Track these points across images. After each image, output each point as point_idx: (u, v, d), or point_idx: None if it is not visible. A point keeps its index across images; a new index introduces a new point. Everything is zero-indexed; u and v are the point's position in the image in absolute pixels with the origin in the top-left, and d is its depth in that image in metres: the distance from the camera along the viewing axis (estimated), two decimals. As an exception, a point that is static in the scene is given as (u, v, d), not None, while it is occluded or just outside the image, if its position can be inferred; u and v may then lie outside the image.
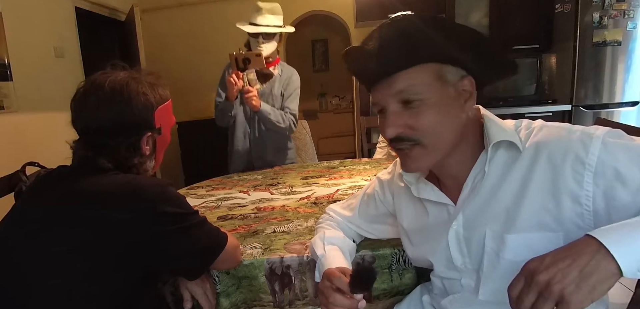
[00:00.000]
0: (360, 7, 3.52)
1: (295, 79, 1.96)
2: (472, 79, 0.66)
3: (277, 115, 1.86)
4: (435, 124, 0.64)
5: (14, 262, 0.71)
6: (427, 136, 0.64)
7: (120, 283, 0.72)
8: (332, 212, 0.99)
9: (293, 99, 1.94)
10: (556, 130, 0.63)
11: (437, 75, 0.64)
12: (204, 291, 0.87)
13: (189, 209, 0.79)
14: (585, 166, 0.57)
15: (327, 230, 0.91)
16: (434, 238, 0.75)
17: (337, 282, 0.69)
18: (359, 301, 0.68)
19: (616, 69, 2.87)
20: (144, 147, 0.85)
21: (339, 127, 5.56)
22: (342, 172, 1.82)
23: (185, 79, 4.11)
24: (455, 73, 0.65)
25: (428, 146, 0.65)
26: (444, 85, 0.64)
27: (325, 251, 0.82)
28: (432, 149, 0.65)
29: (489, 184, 0.66)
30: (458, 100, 0.65)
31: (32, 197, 0.80)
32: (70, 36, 3.00)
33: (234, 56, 1.69)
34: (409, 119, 0.64)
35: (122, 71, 0.84)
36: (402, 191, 0.83)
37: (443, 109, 0.64)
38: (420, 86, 0.63)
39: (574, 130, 0.61)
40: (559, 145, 0.60)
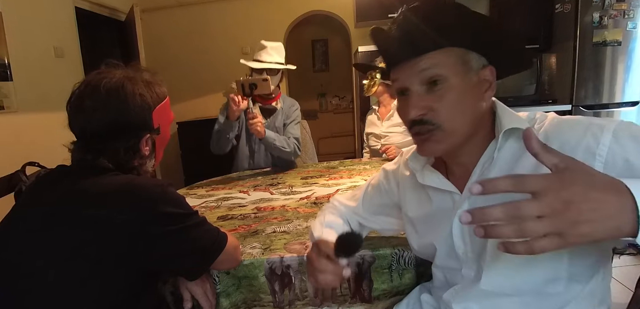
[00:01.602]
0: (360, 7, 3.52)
1: (295, 108, 2.08)
2: (493, 69, 0.67)
3: (282, 140, 1.91)
4: (457, 108, 0.64)
5: (14, 262, 0.71)
6: (447, 120, 0.64)
7: (120, 283, 0.72)
8: (337, 202, 0.99)
9: (294, 126, 2.03)
10: (568, 122, 0.62)
11: (462, 60, 0.64)
12: (204, 291, 0.87)
13: (189, 209, 0.79)
14: (595, 157, 0.56)
15: (328, 215, 0.91)
16: (437, 225, 0.74)
17: (324, 247, 0.70)
18: (343, 267, 0.67)
19: (616, 69, 2.86)
20: (143, 148, 0.85)
21: (339, 127, 5.56)
22: (342, 172, 1.82)
23: (185, 79, 4.11)
24: (478, 61, 0.65)
25: (447, 130, 0.65)
26: (467, 71, 0.64)
27: (322, 233, 0.83)
28: (450, 134, 0.65)
29: (497, 171, 0.66)
30: (479, 88, 0.65)
31: (32, 198, 0.80)
32: (70, 36, 3.00)
33: (241, 82, 1.73)
34: (432, 102, 0.64)
35: (117, 70, 0.83)
36: (407, 180, 0.83)
37: (465, 94, 0.64)
38: (446, 68, 0.63)
39: (585, 122, 0.60)
40: (569, 136, 0.60)
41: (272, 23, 4.05)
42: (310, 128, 2.65)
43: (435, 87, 0.64)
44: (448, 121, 0.64)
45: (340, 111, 5.61)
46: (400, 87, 0.68)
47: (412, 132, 0.69)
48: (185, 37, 4.12)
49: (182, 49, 4.14)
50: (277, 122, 2.03)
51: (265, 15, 4.03)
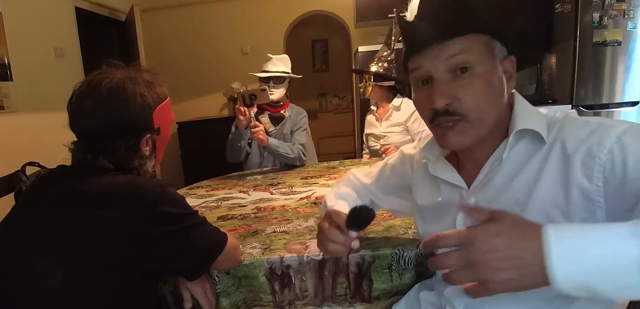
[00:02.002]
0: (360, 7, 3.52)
1: (302, 116, 2.17)
2: (513, 59, 0.64)
3: (286, 147, 1.96)
4: (484, 97, 0.61)
5: (13, 262, 0.71)
6: (474, 110, 0.61)
7: (120, 283, 0.72)
8: (352, 176, 1.00)
9: (301, 132, 2.11)
10: (578, 122, 0.60)
11: (488, 47, 0.62)
12: (204, 291, 0.87)
13: (189, 209, 0.79)
14: (595, 160, 0.54)
15: (343, 188, 0.92)
16: (443, 217, 0.74)
17: (335, 218, 0.70)
18: (353, 239, 0.69)
19: (616, 69, 2.87)
20: (144, 148, 0.85)
21: (339, 127, 5.56)
22: (342, 172, 1.82)
23: (185, 79, 4.11)
24: (501, 50, 0.63)
25: (474, 121, 0.62)
26: (493, 59, 0.62)
27: (335, 204, 0.85)
28: (476, 125, 0.62)
29: (504, 172, 0.63)
30: (502, 78, 0.63)
31: (32, 198, 0.80)
32: (70, 36, 3.00)
33: (241, 93, 1.82)
34: (458, 90, 0.61)
35: (118, 70, 0.83)
36: (422, 167, 0.82)
37: (491, 83, 0.61)
38: (473, 55, 0.61)
39: (595, 123, 0.57)
40: (574, 137, 0.58)
41: (272, 23, 4.05)
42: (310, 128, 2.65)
43: (463, 75, 0.61)
44: (475, 112, 0.61)
45: (340, 111, 5.61)
46: (424, 76, 0.65)
47: (434, 123, 0.65)
48: (185, 37, 4.12)
49: (182, 49, 4.14)
50: (285, 129, 2.10)
51: (265, 15, 4.03)
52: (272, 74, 2.05)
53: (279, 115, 2.12)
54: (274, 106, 2.10)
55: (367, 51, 3.26)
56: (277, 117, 2.13)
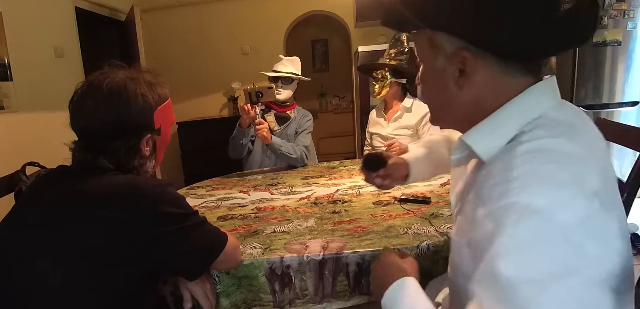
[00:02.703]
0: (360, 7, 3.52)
1: (308, 118, 2.19)
2: (471, 52, 0.53)
3: (289, 147, 1.97)
4: (427, 92, 0.63)
5: (13, 262, 0.71)
6: (426, 102, 0.65)
7: (120, 283, 0.72)
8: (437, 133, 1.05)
9: (305, 135, 2.13)
10: (514, 179, 0.46)
11: (430, 42, 0.57)
12: (204, 291, 0.87)
13: (189, 209, 0.79)
14: (486, 208, 0.48)
15: (435, 136, 1.03)
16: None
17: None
18: (374, 177, 0.92)
19: (616, 69, 2.87)
20: (144, 148, 0.85)
21: (339, 127, 5.56)
22: (342, 172, 1.82)
23: (185, 79, 4.11)
24: (452, 42, 0.54)
25: (431, 111, 0.65)
26: (436, 53, 0.57)
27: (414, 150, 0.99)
28: (434, 116, 0.65)
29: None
30: (449, 72, 0.56)
31: (32, 198, 0.80)
32: (70, 36, 3.00)
33: (248, 91, 1.83)
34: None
35: (120, 71, 0.83)
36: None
37: (431, 78, 0.60)
38: (418, 50, 0.60)
39: (523, 184, 0.45)
40: (499, 181, 0.48)
41: (272, 23, 4.05)
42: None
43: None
44: (427, 103, 0.65)
45: (340, 111, 5.61)
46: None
47: None
48: (185, 37, 4.11)
49: (182, 49, 4.14)
50: (289, 130, 2.12)
51: (265, 15, 4.03)
52: (281, 74, 2.08)
53: (285, 115, 2.13)
54: (281, 106, 2.12)
55: (367, 51, 3.26)
56: (283, 117, 2.14)
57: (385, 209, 1.21)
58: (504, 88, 0.54)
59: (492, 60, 0.52)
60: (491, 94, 0.54)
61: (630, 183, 0.97)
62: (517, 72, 0.53)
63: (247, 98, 1.83)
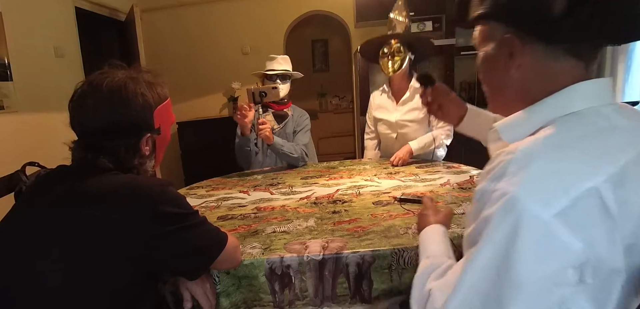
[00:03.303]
0: (360, 7, 3.51)
1: (305, 117, 2.18)
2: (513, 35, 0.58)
3: (290, 146, 1.97)
4: (481, 78, 0.68)
5: (13, 262, 0.71)
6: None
7: (120, 283, 0.72)
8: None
9: (303, 134, 2.11)
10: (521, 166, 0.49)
11: (485, 31, 0.64)
12: (204, 291, 0.87)
13: (189, 209, 0.79)
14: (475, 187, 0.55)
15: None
16: None
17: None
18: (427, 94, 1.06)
19: (616, 69, 2.87)
20: (144, 148, 0.85)
21: (339, 127, 5.56)
22: (342, 172, 1.82)
23: (185, 79, 4.11)
24: (499, 29, 0.60)
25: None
26: (488, 41, 0.63)
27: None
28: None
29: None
30: (496, 57, 0.62)
31: (32, 198, 0.80)
32: (70, 36, 3.00)
33: (252, 90, 1.79)
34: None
35: (120, 71, 0.84)
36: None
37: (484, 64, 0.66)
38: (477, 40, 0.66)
39: (508, 181, 0.49)
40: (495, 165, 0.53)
41: (272, 23, 4.05)
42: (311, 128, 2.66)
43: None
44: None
45: (340, 111, 5.61)
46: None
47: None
48: (185, 37, 4.11)
49: (182, 49, 4.14)
50: (288, 128, 2.12)
51: (265, 15, 4.03)
52: (279, 72, 2.08)
53: (282, 113, 2.14)
54: (278, 104, 2.12)
55: (367, 51, 3.26)
56: (281, 115, 2.14)
57: (385, 209, 1.21)
58: (549, 73, 0.56)
59: (538, 44, 0.55)
60: (538, 78, 0.57)
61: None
62: (563, 59, 0.55)
63: (251, 98, 1.81)
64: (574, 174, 0.47)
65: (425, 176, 1.61)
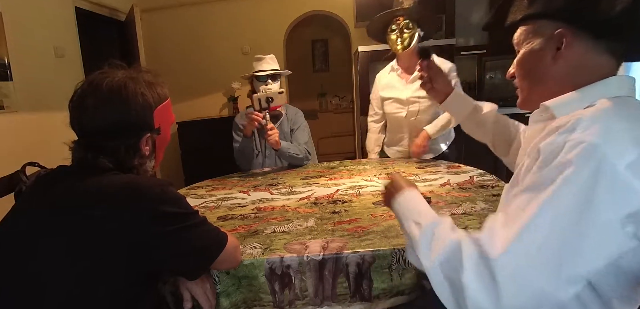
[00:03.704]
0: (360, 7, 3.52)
1: (300, 115, 2.18)
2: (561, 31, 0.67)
3: (294, 148, 1.99)
4: (519, 75, 0.78)
5: (13, 262, 0.71)
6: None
7: (120, 283, 0.72)
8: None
9: (302, 132, 2.12)
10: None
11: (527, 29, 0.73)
12: (204, 291, 0.87)
13: (189, 209, 0.79)
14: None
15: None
16: None
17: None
18: (423, 65, 1.13)
19: (616, 69, 2.87)
20: (144, 148, 0.85)
21: (339, 127, 5.56)
22: (342, 172, 1.82)
23: (185, 79, 4.11)
24: (546, 26, 0.68)
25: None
26: (531, 38, 0.72)
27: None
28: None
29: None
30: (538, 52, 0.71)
31: (32, 198, 0.80)
32: (70, 36, 3.00)
33: (258, 97, 1.79)
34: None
35: (120, 71, 0.84)
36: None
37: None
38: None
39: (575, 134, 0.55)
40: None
41: (272, 23, 4.05)
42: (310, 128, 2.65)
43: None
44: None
45: (340, 111, 5.61)
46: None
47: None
48: (185, 37, 4.11)
49: (182, 49, 4.13)
50: (284, 128, 2.12)
51: (265, 15, 4.03)
52: (270, 72, 2.06)
53: (277, 112, 2.13)
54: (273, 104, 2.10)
55: (367, 51, 3.26)
56: (275, 115, 2.13)
57: (385, 209, 1.21)
58: (591, 65, 0.64)
59: (586, 37, 0.63)
60: (580, 69, 0.65)
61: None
62: (604, 52, 0.63)
63: (258, 104, 1.81)
64: (639, 131, 0.54)
65: (426, 176, 1.61)
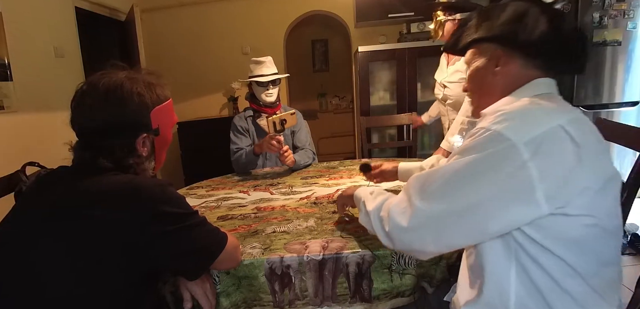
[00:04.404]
0: (360, 7, 3.51)
1: (299, 116, 2.18)
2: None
3: (303, 156, 2.02)
4: (470, 89, 0.90)
5: (13, 262, 0.71)
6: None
7: (120, 283, 0.72)
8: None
9: (303, 134, 2.16)
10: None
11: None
12: (204, 291, 0.87)
13: (189, 209, 0.79)
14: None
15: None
16: None
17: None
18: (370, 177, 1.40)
19: (616, 69, 2.87)
20: (140, 148, 0.85)
21: (339, 127, 5.55)
22: (342, 172, 1.82)
23: (185, 78, 4.11)
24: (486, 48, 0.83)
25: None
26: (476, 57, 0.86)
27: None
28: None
29: None
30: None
31: (32, 198, 0.80)
32: (70, 36, 3.00)
33: (272, 120, 1.80)
34: None
35: (121, 71, 0.84)
36: None
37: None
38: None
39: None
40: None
41: (272, 23, 4.05)
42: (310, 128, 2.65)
43: None
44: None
45: (340, 111, 5.61)
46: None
47: None
48: (185, 37, 4.11)
49: (182, 49, 4.13)
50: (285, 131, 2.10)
51: (265, 15, 4.03)
52: (273, 77, 2.08)
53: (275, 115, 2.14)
54: (271, 107, 2.13)
55: (367, 51, 3.26)
56: None
57: (385, 209, 1.21)
58: (523, 77, 0.77)
59: (517, 56, 0.77)
60: (515, 80, 0.78)
61: (630, 183, 0.97)
62: (533, 67, 0.77)
63: (272, 127, 1.81)
64: (544, 116, 0.66)
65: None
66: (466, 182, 0.66)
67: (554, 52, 0.74)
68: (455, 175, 0.67)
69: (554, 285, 0.66)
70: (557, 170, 0.62)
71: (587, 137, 0.66)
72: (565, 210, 0.63)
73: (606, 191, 0.66)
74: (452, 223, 0.67)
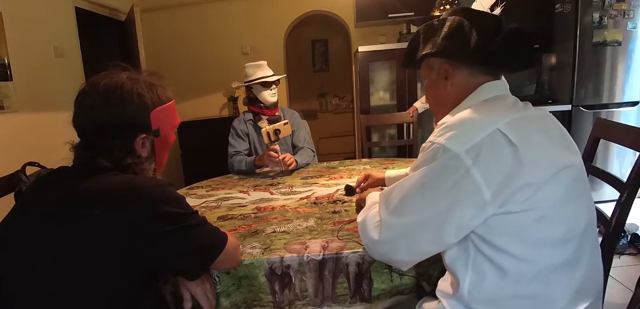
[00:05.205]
0: (360, 7, 3.51)
1: (297, 116, 2.24)
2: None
3: (304, 156, 2.05)
4: (428, 99, 0.95)
5: (13, 262, 0.71)
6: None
7: (120, 283, 0.72)
8: None
9: (302, 133, 2.18)
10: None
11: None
12: (204, 291, 0.87)
13: (189, 209, 0.79)
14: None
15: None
16: None
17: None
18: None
19: (616, 69, 2.87)
20: (139, 148, 0.85)
21: (339, 127, 5.55)
22: (342, 172, 1.82)
23: (185, 78, 4.11)
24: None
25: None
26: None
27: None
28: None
29: None
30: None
31: (32, 198, 0.80)
32: (70, 36, 3.00)
33: (266, 131, 1.82)
34: None
35: (123, 72, 0.84)
36: None
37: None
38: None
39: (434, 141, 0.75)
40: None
41: (272, 23, 4.05)
42: (310, 128, 2.65)
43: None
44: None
45: (340, 111, 5.61)
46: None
47: None
48: (185, 37, 4.11)
49: (182, 49, 4.13)
50: None
51: (265, 15, 4.03)
52: (274, 79, 2.09)
53: (275, 117, 2.16)
54: (272, 108, 2.14)
55: (367, 51, 3.26)
56: (275, 119, 2.15)
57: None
58: (472, 85, 0.83)
59: (463, 67, 0.83)
60: (465, 89, 0.84)
61: (630, 183, 0.97)
62: (480, 74, 0.83)
63: (267, 138, 1.82)
64: (482, 123, 0.71)
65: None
66: (420, 195, 0.73)
67: (494, 56, 0.79)
68: (410, 190, 0.75)
69: (504, 277, 0.71)
70: (497, 172, 0.67)
71: (527, 135, 0.71)
72: (508, 208, 0.68)
73: (556, 182, 0.70)
74: (417, 233, 0.74)
